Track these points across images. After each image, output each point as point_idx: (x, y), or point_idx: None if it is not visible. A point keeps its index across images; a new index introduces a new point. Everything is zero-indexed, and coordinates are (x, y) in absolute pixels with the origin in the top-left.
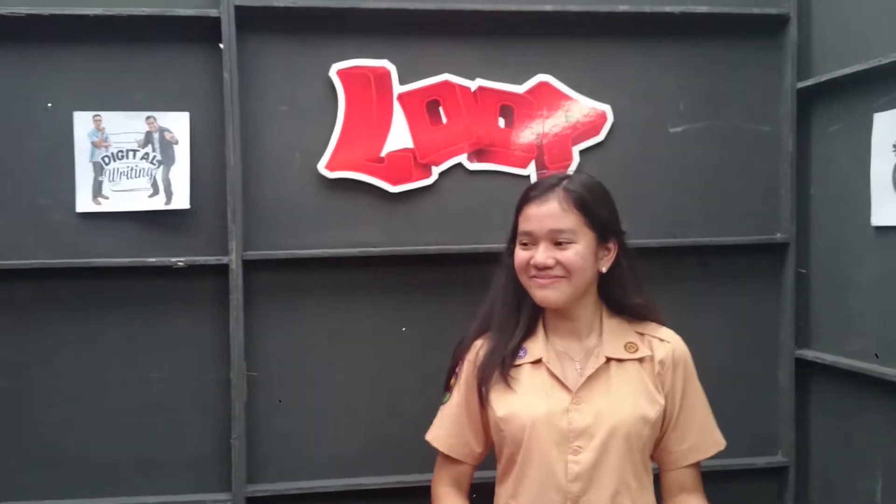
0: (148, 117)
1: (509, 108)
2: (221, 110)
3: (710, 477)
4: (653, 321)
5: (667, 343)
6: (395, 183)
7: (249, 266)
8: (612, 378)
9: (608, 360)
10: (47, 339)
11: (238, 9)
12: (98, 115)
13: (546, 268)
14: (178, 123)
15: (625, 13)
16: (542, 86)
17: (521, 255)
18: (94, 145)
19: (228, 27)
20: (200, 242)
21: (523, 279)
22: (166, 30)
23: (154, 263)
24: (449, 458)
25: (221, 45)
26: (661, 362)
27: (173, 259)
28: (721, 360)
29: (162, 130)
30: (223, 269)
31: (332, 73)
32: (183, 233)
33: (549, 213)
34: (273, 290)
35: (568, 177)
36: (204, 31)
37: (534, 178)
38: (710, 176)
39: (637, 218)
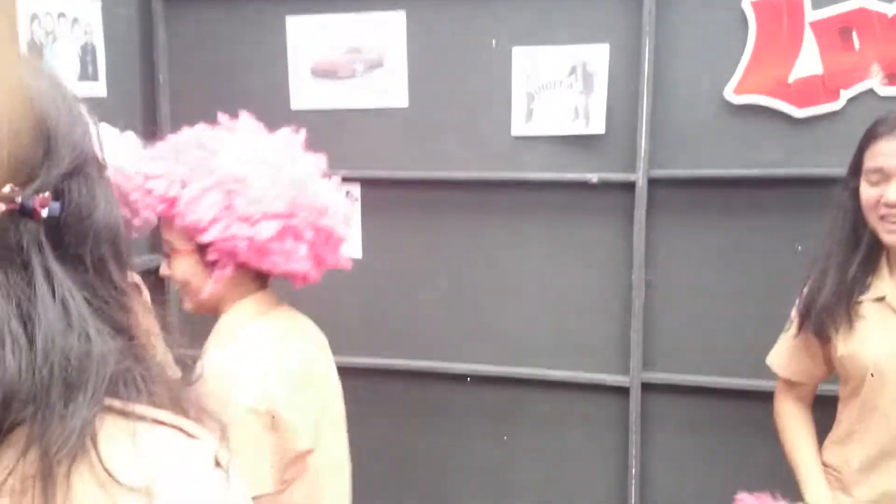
0: (573, 51)
1: None
2: (638, 41)
3: None
4: None
5: None
6: (801, 107)
7: (654, 183)
8: None
9: None
10: (486, 239)
11: None
12: (532, 50)
13: None
14: (598, 55)
15: None
16: None
17: (869, 192)
18: (528, 77)
19: None
20: (612, 161)
21: (871, 217)
22: None
23: (572, 179)
24: (790, 381)
25: None
26: None
27: (588, 175)
28: None
29: (584, 63)
30: (630, 186)
31: (745, 3)
32: (597, 153)
33: None
34: (673, 206)
35: None
36: None
37: None
38: None
39: None
